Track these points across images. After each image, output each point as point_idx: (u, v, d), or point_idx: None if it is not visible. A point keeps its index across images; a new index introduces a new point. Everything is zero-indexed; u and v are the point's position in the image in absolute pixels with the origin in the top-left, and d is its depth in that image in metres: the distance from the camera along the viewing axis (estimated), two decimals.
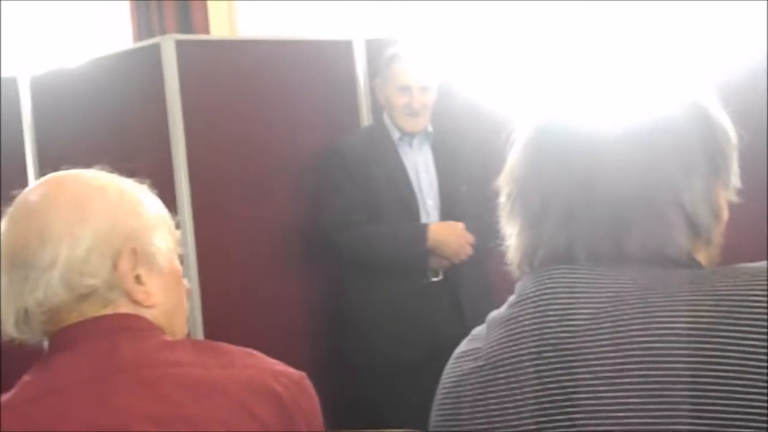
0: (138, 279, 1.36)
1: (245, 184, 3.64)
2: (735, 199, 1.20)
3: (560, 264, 1.15)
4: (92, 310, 1.34)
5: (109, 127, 3.62)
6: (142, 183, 1.46)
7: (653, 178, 1.12)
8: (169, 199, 1.50)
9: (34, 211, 1.36)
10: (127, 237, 1.36)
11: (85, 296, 1.33)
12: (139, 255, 1.36)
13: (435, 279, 3.51)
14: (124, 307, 1.35)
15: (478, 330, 1.25)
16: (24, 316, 1.34)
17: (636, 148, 1.13)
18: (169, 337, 1.37)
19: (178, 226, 1.48)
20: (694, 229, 1.14)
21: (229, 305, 3.54)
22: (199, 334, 3.43)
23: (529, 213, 1.19)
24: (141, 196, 1.43)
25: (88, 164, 1.47)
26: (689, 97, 1.19)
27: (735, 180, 1.20)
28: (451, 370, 1.25)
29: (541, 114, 1.21)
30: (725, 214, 1.19)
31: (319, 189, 3.62)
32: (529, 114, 1.22)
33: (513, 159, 1.22)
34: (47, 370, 1.32)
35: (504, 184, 1.23)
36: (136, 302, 1.36)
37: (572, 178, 1.15)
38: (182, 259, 1.49)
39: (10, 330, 1.36)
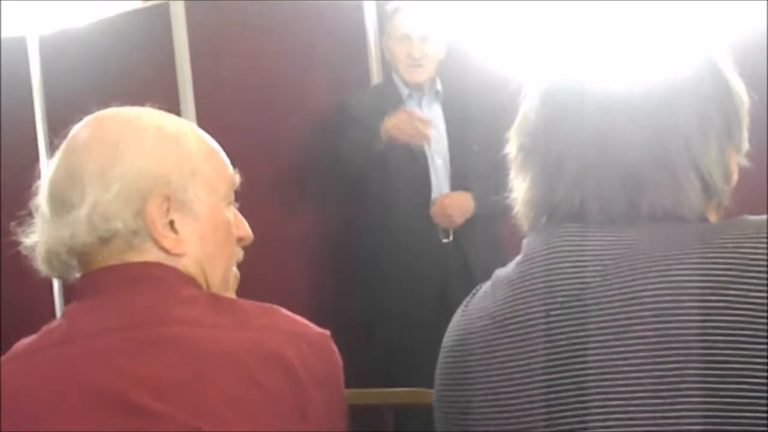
0: (171, 225, 1.32)
1: (255, 147, 3.63)
2: (745, 162, 1.19)
3: (570, 221, 1.14)
4: (117, 255, 1.31)
5: (118, 88, 3.60)
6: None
7: (669, 138, 1.11)
8: None
9: (73, 149, 1.34)
10: (158, 181, 1.31)
11: (107, 240, 1.29)
12: (172, 201, 1.32)
13: (445, 240, 3.50)
14: (151, 254, 1.31)
15: (484, 288, 1.23)
16: (52, 254, 1.32)
17: (653, 107, 1.11)
18: (191, 290, 1.32)
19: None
20: (708, 192, 1.13)
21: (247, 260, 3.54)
22: None
23: (541, 167, 1.17)
24: (186, 139, 1.39)
25: None
26: (706, 57, 1.17)
27: (745, 143, 1.19)
28: (455, 327, 1.23)
29: (556, 69, 1.19)
30: (735, 177, 1.18)
31: (324, 139, 3.60)
32: (544, 68, 1.20)
33: (526, 111, 1.20)
34: (66, 318, 1.30)
35: (515, 136, 1.21)
36: (164, 249, 1.31)
37: (587, 135, 1.13)
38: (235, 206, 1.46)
39: (41, 266, 1.35)
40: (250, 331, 1.26)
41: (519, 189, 1.20)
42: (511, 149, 1.21)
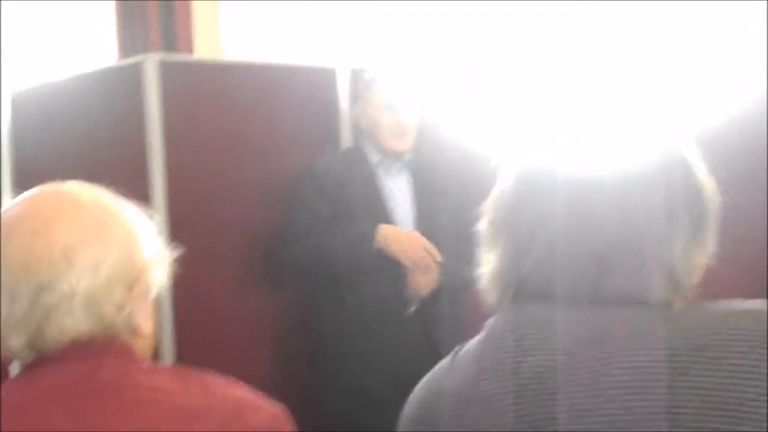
0: (138, 308, 1.37)
1: (223, 209, 3.63)
2: (711, 261, 1.21)
3: (537, 299, 1.15)
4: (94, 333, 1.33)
5: (88, 145, 3.61)
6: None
7: (639, 227, 1.13)
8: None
9: (51, 227, 1.32)
10: (142, 267, 1.36)
11: (105, 326, 1.32)
12: (145, 285, 1.37)
13: (409, 310, 3.49)
14: (122, 334, 1.35)
15: (444, 365, 1.24)
16: (40, 341, 1.31)
17: (625, 194, 1.14)
18: (151, 363, 1.37)
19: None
20: (673, 285, 1.15)
21: (204, 333, 3.52)
22: (169, 350, 3.42)
23: (511, 243, 1.19)
24: (147, 225, 1.42)
25: (64, 181, 1.45)
26: (680, 155, 1.19)
27: (712, 244, 1.21)
28: (415, 404, 1.24)
29: (535, 148, 1.21)
30: (699, 275, 1.20)
31: (290, 206, 3.60)
32: (522, 147, 1.22)
33: (501, 186, 1.22)
34: (32, 379, 1.31)
35: (488, 211, 1.22)
36: (133, 331, 1.36)
37: (559, 214, 1.15)
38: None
39: (18, 351, 1.32)
40: (220, 400, 1.30)
41: (488, 263, 1.21)
42: (483, 223, 1.22)
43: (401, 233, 3.47)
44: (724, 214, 1.22)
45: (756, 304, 1.10)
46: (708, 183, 1.21)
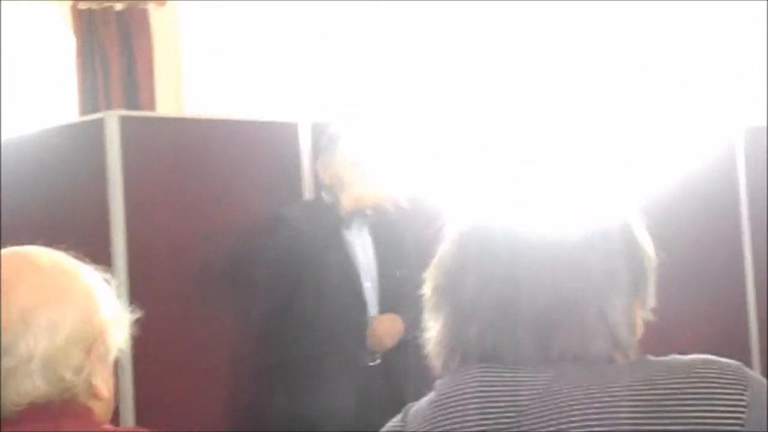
0: (96, 370, 1.36)
1: (183, 266, 3.61)
2: (650, 317, 1.23)
3: (483, 362, 1.16)
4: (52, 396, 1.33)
5: (49, 201, 3.59)
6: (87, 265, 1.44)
7: (579, 288, 1.15)
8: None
9: (9, 290, 1.32)
10: (100, 330, 1.36)
11: (64, 389, 1.31)
12: (104, 347, 1.37)
13: (372, 363, 3.49)
14: (80, 396, 1.34)
15: (396, 423, 1.24)
16: None
17: (565, 256, 1.16)
18: (111, 426, 1.37)
19: None
20: (615, 343, 1.16)
21: (165, 395, 3.49)
22: (129, 412, 3.38)
23: (454, 308, 1.20)
24: (105, 288, 1.42)
25: (23, 238, 1.45)
26: (619, 214, 1.22)
27: (651, 300, 1.23)
28: None
29: (476, 212, 1.23)
30: (640, 331, 1.22)
31: (258, 252, 3.58)
32: (464, 210, 1.24)
33: (443, 253, 1.24)
34: None
35: (431, 277, 1.24)
36: (91, 394, 1.35)
37: (500, 278, 1.16)
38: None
39: None
40: None
41: (432, 329, 1.23)
42: (427, 290, 1.25)
43: (389, 327, 3.51)
44: (697, 267, 1.26)
45: (700, 357, 1.13)
46: (647, 242, 1.23)
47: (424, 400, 1.21)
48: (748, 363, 4.38)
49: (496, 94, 5.35)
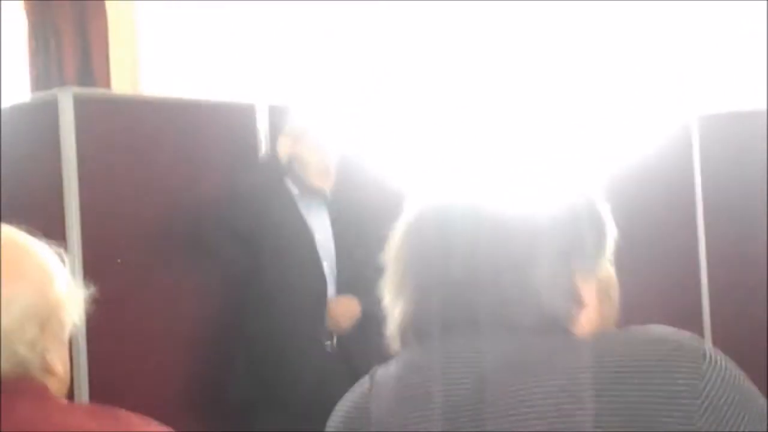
0: (51, 347, 1.35)
1: (138, 245, 3.59)
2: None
3: (442, 334, 1.20)
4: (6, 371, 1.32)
5: (2, 179, 3.54)
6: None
7: (535, 264, 1.18)
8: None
9: None
10: (55, 305, 1.35)
11: (18, 364, 1.30)
12: (58, 323, 1.36)
13: (328, 342, 3.52)
14: (35, 373, 1.33)
15: (364, 386, 1.28)
16: None
17: (517, 231, 1.19)
18: (66, 402, 1.36)
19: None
20: (556, 309, 1.18)
21: (119, 372, 3.47)
22: (83, 388, 3.36)
23: (414, 290, 1.23)
24: (57, 263, 1.41)
25: None
26: (581, 192, 1.25)
27: (602, 269, 1.25)
28: (340, 419, 1.28)
29: (430, 193, 1.27)
30: (586, 299, 1.22)
31: (215, 220, 3.56)
32: (421, 190, 1.28)
33: (401, 234, 1.27)
34: None
35: (390, 258, 1.28)
36: (46, 370, 1.34)
37: (454, 256, 1.20)
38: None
39: None
40: None
41: (393, 311, 1.27)
42: (386, 271, 1.28)
43: (347, 310, 3.54)
44: (653, 250, 1.28)
45: (658, 330, 1.16)
46: (601, 214, 1.26)
47: (391, 368, 1.24)
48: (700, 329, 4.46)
49: (458, 75, 5.36)
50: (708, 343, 1.15)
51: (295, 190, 3.62)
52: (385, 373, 1.25)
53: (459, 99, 4.69)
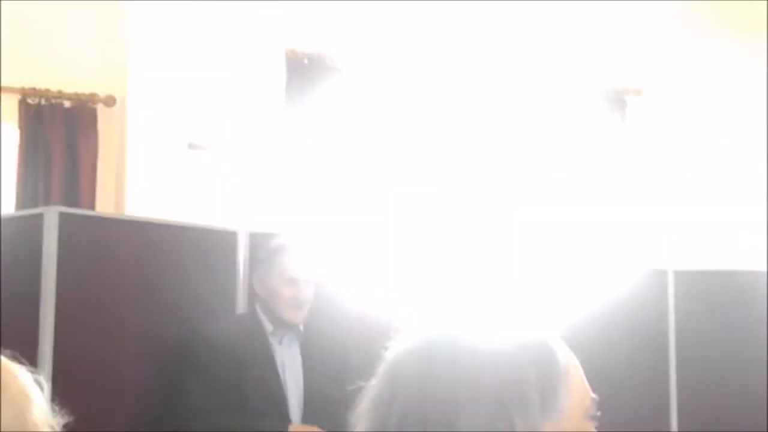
0: None
1: (113, 367, 3.57)
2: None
3: None
4: None
5: None
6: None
7: (494, 412, 1.15)
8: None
9: None
10: (32, 428, 1.34)
11: None
12: None
13: None
14: None
15: None
16: None
17: (479, 394, 1.15)
18: None
19: None
20: None
21: None
22: None
23: None
24: (36, 389, 1.40)
25: None
26: (538, 331, 1.23)
27: (563, 415, 1.20)
28: None
29: (394, 351, 1.24)
30: None
31: (184, 372, 3.55)
32: (390, 350, 1.25)
33: (367, 396, 1.24)
34: None
35: (357, 419, 1.25)
36: None
37: (418, 401, 1.16)
38: None
39: None
40: None
41: None
42: (359, 412, 1.25)
43: None
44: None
45: None
46: (560, 358, 1.22)
47: None
48: None
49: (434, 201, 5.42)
50: None
51: (268, 326, 3.61)
52: None
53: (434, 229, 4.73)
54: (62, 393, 3.28)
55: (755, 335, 4.58)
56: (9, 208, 4.99)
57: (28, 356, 1.49)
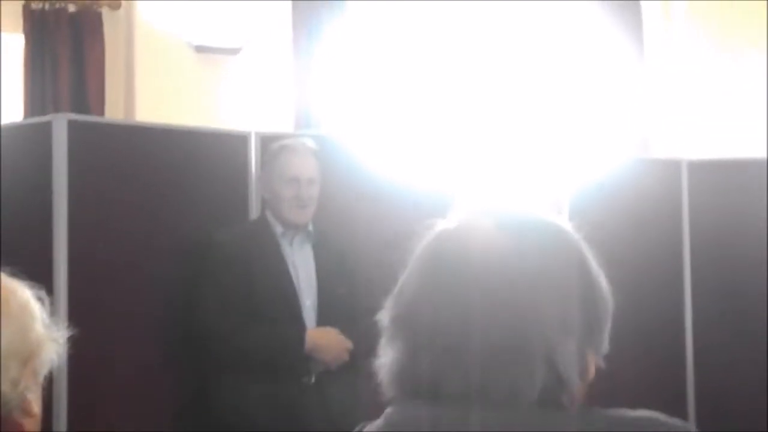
0: (31, 387, 1.35)
1: (125, 272, 3.58)
2: (602, 364, 1.23)
3: (432, 398, 1.16)
4: None
5: None
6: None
7: (528, 329, 1.15)
8: (45, 281, 1.47)
9: None
10: (36, 345, 1.35)
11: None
12: (39, 362, 1.36)
13: (306, 381, 3.47)
14: (14, 412, 1.33)
15: None
16: None
17: (516, 296, 1.16)
18: None
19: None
20: (560, 383, 1.16)
21: (98, 402, 3.46)
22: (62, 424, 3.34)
23: (410, 341, 1.19)
24: (37, 304, 1.41)
25: None
26: (577, 255, 1.22)
27: (605, 346, 1.23)
28: None
29: (439, 241, 1.22)
30: (591, 374, 1.22)
31: (197, 280, 3.56)
32: (426, 240, 1.23)
33: (404, 283, 1.23)
34: None
35: (391, 306, 1.23)
36: (24, 410, 1.34)
37: (454, 314, 1.16)
38: None
39: None
40: None
41: (386, 356, 1.21)
42: (384, 317, 1.23)
43: (330, 339, 3.49)
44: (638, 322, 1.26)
45: (647, 414, 1.16)
46: (602, 284, 1.23)
47: (375, 427, 1.21)
48: (684, 408, 4.46)
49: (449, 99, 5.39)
50: (689, 417, 1.15)
51: (278, 228, 3.61)
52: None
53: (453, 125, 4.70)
54: (75, 304, 3.31)
55: None
56: (17, 116, 4.98)
57: (41, 264, 1.49)
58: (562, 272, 1.19)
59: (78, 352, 1.52)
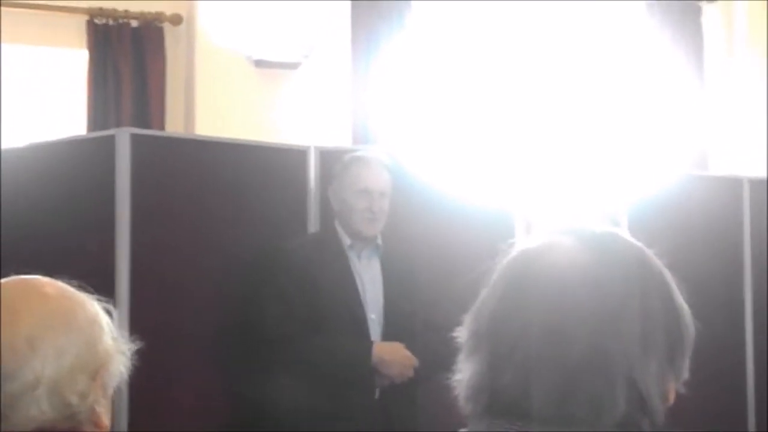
0: (99, 398, 1.37)
1: (187, 285, 3.61)
2: (682, 390, 1.21)
3: (508, 413, 1.15)
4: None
5: (54, 216, 3.58)
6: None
7: (610, 348, 1.14)
8: (107, 293, 1.48)
9: (15, 317, 1.33)
10: (104, 358, 1.37)
11: (69, 415, 1.31)
12: (107, 375, 1.37)
13: (371, 396, 3.44)
14: (84, 425, 1.35)
15: None
16: (6, 429, 1.31)
17: (600, 314, 1.15)
18: None
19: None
20: (642, 407, 1.14)
21: (159, 419, 3.48)
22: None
23: (491, 354, 1.18)
24: (105, 317, 1.43)
25: (29, 252, 1.46)
26: (661, 281, 1.21)
27: (685, 373, 1.22)
28: None
29: (520, 259, 1.22)
30: (671, 400, 1.20)
31: (262, 291, 3.57)
32: (510, 257, 1.23)
33: (486, 298, 1.22)
34: None
35: (471, 320, 1.22)
36: (94, 423, 1.35)
37: (537, 329, 1.15)
38: None
39: None
40: None
41: (465, 372, 1.21)
42: (464, 332, 1.22)
43: (396, 354, 3.47)
44: (699, 341, 1.24)
45: None
46: (685, 308, 1.22)
47: None
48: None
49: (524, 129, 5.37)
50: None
51: (346, 240, 3.61)
52: None
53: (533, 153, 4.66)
54: (137, 317, 3.33)
55: None
56: (81, 130, 5.04)
57: (104, 277, 1.51)
58: (645, 292, 1.18)
59: (140, 365, 1.53)
